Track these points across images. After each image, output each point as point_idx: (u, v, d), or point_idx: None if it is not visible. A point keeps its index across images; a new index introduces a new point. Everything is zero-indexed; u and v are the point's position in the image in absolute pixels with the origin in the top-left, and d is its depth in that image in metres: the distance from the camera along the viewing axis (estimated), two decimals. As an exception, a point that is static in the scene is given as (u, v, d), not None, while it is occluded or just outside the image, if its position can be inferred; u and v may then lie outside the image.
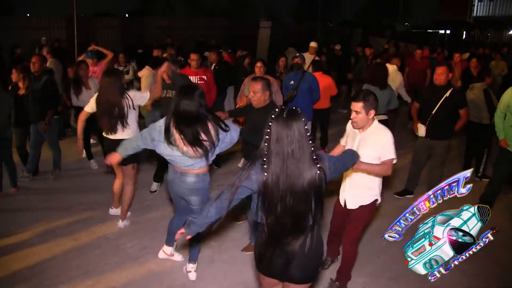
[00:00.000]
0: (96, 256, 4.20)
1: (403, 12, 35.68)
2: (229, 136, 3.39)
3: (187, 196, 3.57)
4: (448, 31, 30.29)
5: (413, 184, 5.73)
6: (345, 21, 39.67)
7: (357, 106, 3.25)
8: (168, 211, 5.13)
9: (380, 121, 5.56)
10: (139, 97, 4.51)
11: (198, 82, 5.99)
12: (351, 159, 2.72)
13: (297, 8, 44.59)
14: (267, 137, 2.26)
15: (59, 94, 6.43)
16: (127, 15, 32.04)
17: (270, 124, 2.25)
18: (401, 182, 5.90)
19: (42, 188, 5.88)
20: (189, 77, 5.94)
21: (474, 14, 30.20)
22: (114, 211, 5.07)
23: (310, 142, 2.25)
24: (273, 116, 2.26)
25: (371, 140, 3.29)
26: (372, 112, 3.26)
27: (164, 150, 3.38)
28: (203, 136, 3.23)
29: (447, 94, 5.12)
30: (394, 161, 3.27)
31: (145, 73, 6.52)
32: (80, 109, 6.31)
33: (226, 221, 4.94)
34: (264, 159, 2.27)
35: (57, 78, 7.51)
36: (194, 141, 3.22)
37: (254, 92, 3.93)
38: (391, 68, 7.07)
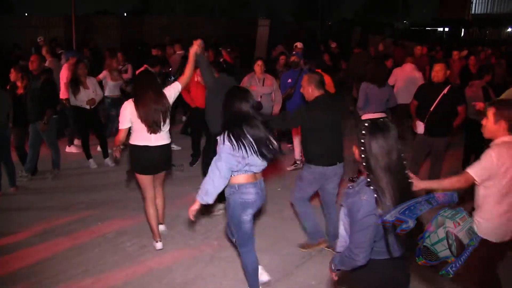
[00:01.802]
0: (96, 255, 4.20)
1: (402, 11, 35.69)
2: None
3: (260, 205, 3.36)
4: (446, 29, 30.31)
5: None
6: (344, 19, 39.64)
7: (489, 111, 2.99)
8: (167, 211, 5.12)
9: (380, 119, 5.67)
10: (174, 93, 4.20)
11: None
12: None
13: (296, 7, 44.58)
14: (363, 156, 2.10)
15: (58, 93, 6.42)
16: (125, 14, 32.00)
17: (363, 141, 2.09)
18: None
19: (41, 188, 5.88)
20: (197, 76, 5.94)
21: (472, 11, 30.24)
22: (161, 244, 4.31)
23: (403, 153, 2.13)
24: (364, 131, 2.10)
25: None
26: (503, 123, 2.90)
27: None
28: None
29: (445, 91, 5.12)
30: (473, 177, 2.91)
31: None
32: (78, 108, 6.34)
33: (225, 219, 4.95)
34: (371, 182, 2.07)
35: (56, 78, 7.50)
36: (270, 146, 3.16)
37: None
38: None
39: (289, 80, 6.23)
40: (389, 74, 7.32)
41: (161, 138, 4.07)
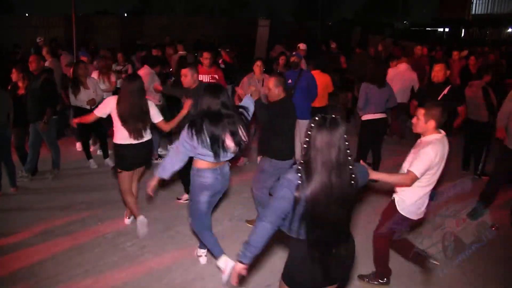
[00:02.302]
0: (95, 255, 4.21)
1: (402, 11, 35.69)
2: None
3: (225, 188, 3.83)
4: (447, 29, 30.30)
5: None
6: (344, 19, 39.62)
7: (419, 112, 3.37)
8: (167, 211, 5.14)
9: (380, 119, 5.67)
10: (154, 112, 4.41)
11: (210, 81, 6.00)
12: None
13: (296, 7, 44.56)
14: (305, 146, 2.24)
15: (57, 90, 6.41)
16: (126, 14, 32.01)
17: (310, 132, 2.23)
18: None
19: (41, 188, 5.88)
20: (201, 76, 5.97)
21: (473, 12, 30.25)
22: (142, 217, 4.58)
23: (348, 150, 2.25)
24: (313, 124, 2.23)
25: (420, 147, 3.35)
26: (432, 123, 3.31)
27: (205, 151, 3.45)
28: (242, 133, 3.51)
29: (445, 91, 5.12)
30: (417, 176, 3.24)
31: (144, 72, 6.51)
32: (78, 108, 6.34)
33: (223, 219, 4.96)
34: (302, 171, 2.24)
35: (56, 78, 7.51)
36: (236, 136, 3.46)
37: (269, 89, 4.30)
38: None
39: (289, 81, 6.22)
40: None
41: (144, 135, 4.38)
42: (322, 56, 10.50)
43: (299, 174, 2.25)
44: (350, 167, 2.25)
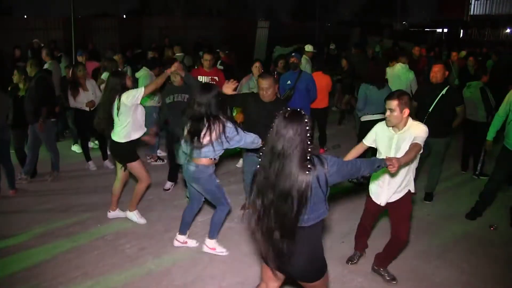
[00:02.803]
0: (95, 257, 4.20)
1: (401, 12, 35.73)
2: (241, 138, 3.72)
3: (192, 183, 4.02)
4: (445, 30, 30.34)
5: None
6: (343, 21, 39.62)
7: (392, 104, 3.38)
8: (166, 212, 5.13)
9: (380, 120, 5.67)
10: (131, 96, 4.42)
11: (210, 82, 6.02)
12: (367, 167, 2.67)
13: (296, 8, 44.55)
14: (270, 131, 2.39)
15: (54, 90, 6.40)
16: (124, 16, 32.01)
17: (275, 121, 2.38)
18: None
19: (40, 190, 5.88)
20: (201, 77, 5.98)
21: (471, 12, 30.27)
22: (114, 213, 5.03)
23: (308, 144, 2.31)
24: (278, 114, 2.39)
25: (409, 136, 3.40)
26: (407, 111, 3.38)
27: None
28: (204, 133, 3.63)
29: (444, 91, 5.13)
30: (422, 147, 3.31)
31: (142, 74, 6.52)
32: (77, 110, 6.35)
33: (225, 221, 4.95)
34: (261, 152, 2.46)
35: (56, 80, 7.51)
36: (193, 134, 3.66)
37: (265, 89, 4.32)
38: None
39: (288, 82, 6.23)
40: None
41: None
42: (322, 57, 10.52)
43: (261, 153, 2.47)
44: (307, 162, 2.30)
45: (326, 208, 2.49)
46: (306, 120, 2.32)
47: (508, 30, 26.21)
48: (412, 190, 3.64)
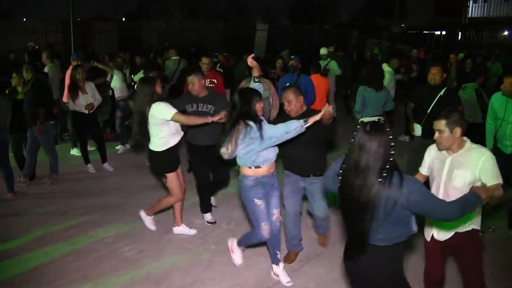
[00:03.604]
0: (94, 260, 4.20)
1: (399, 14, 35.82)
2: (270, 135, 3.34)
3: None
4: (444, 32, 30.42)
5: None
6: (342, 23, 39.72)
7: (439, 124, 2.92)
8: (165, 215, 5.12)
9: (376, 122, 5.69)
10: (161, 113, 4.14)
11: (209, 85, 6.01)
12: (459, 211, 2.34)
13: (294, 11, 44.64)
14: (350, 144, 2.38)
15: (51, 93, 6.40)
16: (124, 19, 32.04)
17: (355, 133, 2.36)
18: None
19: (39, 193, 5.88)
20: None
21: (469, 15, 30.36)
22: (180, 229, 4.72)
23: (391, 154, 2.29)
24: (358, 126, 2.37)
25: (467, 161, 2.90)
26: (459, 130, 2.88)
27: None
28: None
29: (441, 93, 5.15)
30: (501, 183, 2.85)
31: (140, 77, 6.51)
32: (76, 113, 6.35)
33: (221, 222, 4.96)
34: (343, 164, 2.41)
35: (56, 83, 7.52)
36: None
37: (288, 102, 3.76)
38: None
39: (287, 84, 6.22)
40: None
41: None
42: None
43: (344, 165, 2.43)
44: (384, 175, 2.26)
45: (409, 230, 2.38)
46: (388, 129, 2.31)
47: (506, 32, 26.30)
48: (477, 227, 3.04)
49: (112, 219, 5.04)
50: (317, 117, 3.25)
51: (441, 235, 3.10)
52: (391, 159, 2.27)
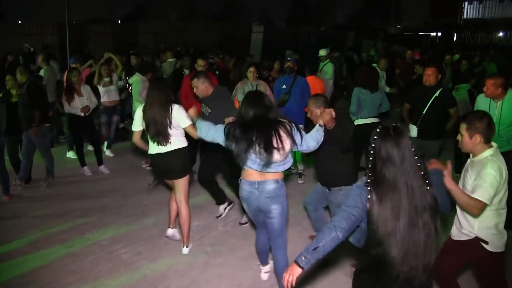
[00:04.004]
0: (91, 262, 4.20)
1: (395, 15, 35.97)
2: (304, 141, 3.21)
3: (267, 207, 3.28)
4: (439, 34, 30.55)
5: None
6: (338, 25, 39.78)
7: (461, 127, 2.94)
8: (162, 217, 5.13)
9: (374, 124, 5.72)
10: (179, 118, 4.06)
11: None
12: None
13: (290, 13, 44.68)
14: (371, 158, 2.18)
15: (46, 95, 6.39)
16: (120, 22, 31.96)
17: (374, 144, 2.17)
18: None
19: (35, 196, 5.86)
20: None
21: (464, 16, 30.49)
22: (172, 231, 4.62)
23: (416, 157, 2.16)
24: (377, 135, 2.17)
25: (476, 169, 2.88)
26: (478, 137, 2.84)
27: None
28: (274, 141, 3.08)
29: (437, 94, 5.18)
30: (486, 204, 2.72)
31: (135, 80, 6.51)
32: (72, 116, 6.34)
33: (217, 225, 4.97)
34: (370, 182, 2.17)
35: (51, 85, 7.51)
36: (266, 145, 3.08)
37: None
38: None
39: (284, 86, 6.25)
40: None
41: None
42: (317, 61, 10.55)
43: (369, 187, 2.17)
44: (424, 176, 2.14)
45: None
46: (407, 135, 2.18)
47: (500, 34, 26.44)
48: (486, 239, 2.93)
49: (109, 222, 5.04)
50: (321, 121, 3.27)
51: (456, 236, 3.15)
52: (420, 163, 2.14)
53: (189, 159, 4.49)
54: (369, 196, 2.15)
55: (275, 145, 3.06)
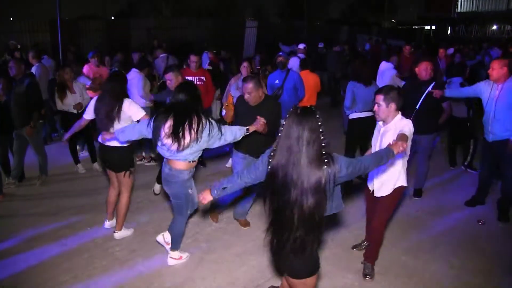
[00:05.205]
0: (85, 260, 4.17)
1: (389, 9, 36.01)
2: (222, 136, 3.60)
3: (166, 188, 3.85)
4: (433, 27, 30.61)
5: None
6: (332, 19, 39.77)
7: (378, 98, 3.52)
8: (156, 214, 5.11)
9: (368, 117, 5.72)
10: (131, 111, 4.24)
11: (197, 83, 6.04)
12: (380, 159, 2.74)
13: (283, 8, 44.58)
14: (279, 132, 2.41)
15: (41, 94, 6.34)
16: (113, 18, 31.82)
17: (284, 120, 2.40)
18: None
19: (28, 194, 5.83)
20: (189, 77, 5.98)
21: (458, 9, 30.52)
22: (109, 223, 4.79)
23: (322, 140, 2.35)
24: (289, 111, 2.40)
25: (393, 130, 3.49)
26: (393, 105, 3.49)
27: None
28: (185, 131, 3.42)
29: (430, 88, 5.18)
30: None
31: (132, 76, 6.46)
32: (65, 113, 6.30)
33: (211, 222, 4.95)
34: (272, 153, 2.46)
35: (44, 83, 7.44)
36: (175, 134, 3.42)
37: (248, 93, 4.17)
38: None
39: (276, 81, 6.23)
40: None
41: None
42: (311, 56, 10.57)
43: (272, 153, 2.47)
44: (324, 158, 2.34)
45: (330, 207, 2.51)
46: (317, 116, 2.35)
47: (494, 27, 26.52)
48: (404, 184, 3.71)
49: (103, 219, 4.99)
50: (253, 128, 3.74)
51: (377, 193, 3.78)
52: (324, 144, 2.35)
53: (132, 158, 4.58)
54: (270, 160, 2.46)
55: (180, 132, 3.40)
